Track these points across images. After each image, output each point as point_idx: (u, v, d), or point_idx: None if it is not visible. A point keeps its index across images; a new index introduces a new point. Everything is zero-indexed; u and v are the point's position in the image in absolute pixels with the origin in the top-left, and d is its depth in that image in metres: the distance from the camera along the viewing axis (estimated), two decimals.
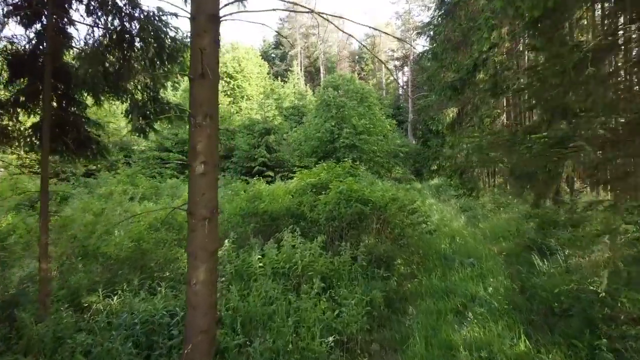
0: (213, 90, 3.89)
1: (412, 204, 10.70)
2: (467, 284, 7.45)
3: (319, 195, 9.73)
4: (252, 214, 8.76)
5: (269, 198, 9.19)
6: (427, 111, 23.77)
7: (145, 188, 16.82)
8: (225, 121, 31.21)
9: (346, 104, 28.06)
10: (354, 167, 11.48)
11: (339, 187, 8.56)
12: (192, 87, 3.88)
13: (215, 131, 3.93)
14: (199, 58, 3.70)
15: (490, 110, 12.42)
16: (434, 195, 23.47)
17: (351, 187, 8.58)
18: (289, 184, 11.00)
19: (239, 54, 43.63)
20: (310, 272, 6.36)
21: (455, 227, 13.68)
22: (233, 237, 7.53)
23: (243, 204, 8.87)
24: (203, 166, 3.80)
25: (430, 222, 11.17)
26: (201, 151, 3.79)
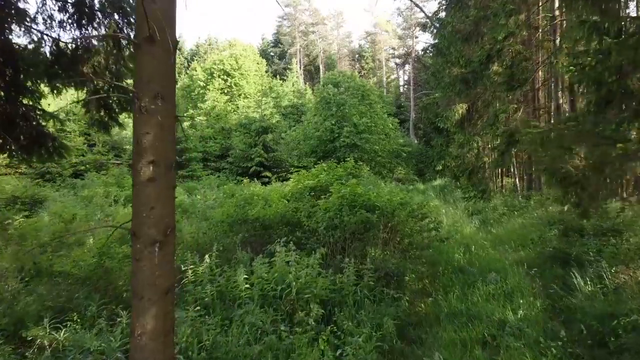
0: (166, 60, 2.76)
1: (422, 208, 9.62)
2: (492, 305, 6.32)
3: (318, 199, 8.63)
4: (241, 222, 7.64)
5: (261, 203, 8.07)
6: (432, 109, 22.65)
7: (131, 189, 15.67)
8: (222, 119, 30.09)
9: (347, 102, 26.97)
10: (357, 167, 10.36)
11: (341, 191, 7.44)
12: (137, 56, 2.75)
13: (170, 119, 2.81)
14: (144, 14, 2.57)
15: (506, 105, 11.32)
16: (438, 197, 22.35)
17: (355, 190, 7.46)
18: (284, 186, 9.87)
19: (236, 51, 42.50)
20: (308, 295, 5.24)
21: (466, 232, 12.57)
22: (217, 250, 6.42)
23: (231, 210, 7.74)
24: (152, 168, 2.68)
25: (441, 229, 10.08)
26: (149, 147, 2.67)
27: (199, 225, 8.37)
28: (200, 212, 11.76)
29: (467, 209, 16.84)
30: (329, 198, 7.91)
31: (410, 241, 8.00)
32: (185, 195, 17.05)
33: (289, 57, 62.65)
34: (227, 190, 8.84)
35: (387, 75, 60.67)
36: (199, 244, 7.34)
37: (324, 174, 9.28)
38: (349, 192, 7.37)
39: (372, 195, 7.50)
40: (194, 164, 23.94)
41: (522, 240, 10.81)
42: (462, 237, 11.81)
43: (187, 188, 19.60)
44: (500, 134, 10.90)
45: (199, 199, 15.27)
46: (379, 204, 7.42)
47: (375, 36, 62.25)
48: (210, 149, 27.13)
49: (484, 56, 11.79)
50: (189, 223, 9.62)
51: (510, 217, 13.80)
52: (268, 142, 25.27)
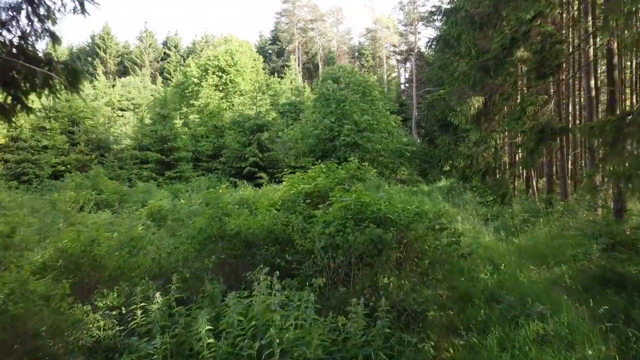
0: None
1: (439, 217, 8.03)
2: (550, 357, 4.70)
3: (316, 208, 7.01)
4: (217, 237, 6.00)
5: (244, 214, 6.42)
6: (439, 105, 21.04)
7: (108, 193, 14.04)
8: (215, 117, 28.44)
9: (347, 98, 25.34)
10: (362, 169, 8.72)
11: (344, 200, 5.81)
12: None
13: None
14: None
15: (534, 96, 9.70)
16: (446, 200, 20.69)
17: (362, 199, 5.82)
18: (275, 191, 8.20)
19: (232, 47, 40.84)
20: (297, 355, 3.61)
21: (486, 243, 10.93)
22: (179, 281, 4.80)
23: (204, 223, 6.10)
24: None
25: (462, 242, 8.46)
26: None
27: (168, 241, 6.74)
28: (178, 221, 10.13)
29: (480, 213, 15.23)
30: (328, 208, 6.29)
31: (430, 261, 6.38)
32: (170, 199, 15.43)
33: (287, 54, 60.99)
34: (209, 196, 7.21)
35: (387, 73, 59.04)
36: (161, 268, 5.70)
37: (323, 177, 7.65)
38: (354, 201, 5.74)
39: (383, 205, 5.86)
40: (183, 164, 22.29)
41: (554, 254, 9.22)
42: (485, 250, 10.16)
43: (174, 190, 17.97)
44: (529, 129, 9.28)
45: (183, 203, 13.65)
46: (393, 216, 5.79)
47: (375, 33, 60.63)
48: (203, 148, 25.50)
49: (508, 40, 10.15)
50: (159, 236, 7.98)
51: (534, 225, 12.18)
52: (263, 141, 23.64)
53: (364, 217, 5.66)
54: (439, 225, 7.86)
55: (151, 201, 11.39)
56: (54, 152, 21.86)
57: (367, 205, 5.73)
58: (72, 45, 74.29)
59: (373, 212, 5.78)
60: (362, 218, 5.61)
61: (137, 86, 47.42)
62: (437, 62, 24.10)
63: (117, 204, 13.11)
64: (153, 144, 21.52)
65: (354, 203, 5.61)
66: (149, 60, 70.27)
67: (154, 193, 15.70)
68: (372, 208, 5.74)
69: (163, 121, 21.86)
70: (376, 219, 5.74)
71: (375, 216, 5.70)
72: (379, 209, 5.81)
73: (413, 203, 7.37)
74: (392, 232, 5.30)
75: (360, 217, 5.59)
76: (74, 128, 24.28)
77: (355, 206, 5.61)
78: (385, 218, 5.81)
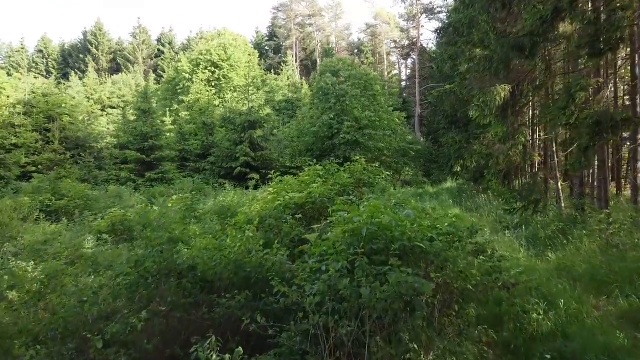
0: None
1: (474, 235, 6.07)
2: None
3: (309, 225, 5.02)
4: (159, 277, 3.98)
5: (205, 240, 4.40)
6: (449, 99, 19.07)
7: (70, 198, 12.00)
8: (205, 113, 26.38)
9: (347, 93, 23.32)
10: (372, 171, 6.69)
11: (352, 221, 3.79)
12: None
13: None
14: None
15: (585, 79, 7.72)
16: (456, 203, 18.61)
17: (377, 218, 3.78)
18: (251, 204, 6.14)
19: (225, 41, 38.75)
20: None
21: (522, 263, 8.85)
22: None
23: (146, 252, 4.07)
24: None
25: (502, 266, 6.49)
26: None
27: (96, 280, 4.70)
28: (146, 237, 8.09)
29: (498, 219, 13.23)
30: (327, 230, 4.28)
31: (475, 309, 4.39)
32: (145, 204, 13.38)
33: (285, 50, 58.94)
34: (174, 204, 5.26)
35: (388, 70, 57.01)
36: (68, 327, 3.67)
37: (319, 183, 5.63)
38: (365, 223, 3.72)
39: (410, 228, 3.84)
40: (166, 164, 20.21)
41: (604, 277, 7.22)
42: (521, 271, 8.07)
43: (153, 194, 15.92)
44: (581, 121, 7.28)
45: (156, 210, 11.62)
46: (424, 244, 3.77)
47: (375, 28, 58.55)
48: (191, 147, 23.45)
49: (549, 12, 8.13)
50: (107, 259, 5.94)
51: (571, 236, 10.15)
52: (256, 139, 21.60)
53: (382, 247, 3.66)
54: (472, 245, 5.90)
55: (114, 209, 9.38)
56: (25, 151, 19.81)
57: (385, 228, 3.72)
58: (64, 41, 72.35)
59: (395, 239, 3.76)
60: (379, 249, 3.61)
61: (129, 84, 45.42)
62: (444, 55, 22.06)
63: (78, 212, 11.06)
64: (133, 142, 19.47)
65: (366, 225, 3.59)
66: (143, 57, 68.30)
67: (127, 198, 13.67)
68: (395, 233, 3.72)
69: (144, 116, 19.81)
70: (400, 251, 3.72)
71: (400, 246, 3.68)
72: (403, 233, 3.79)
73: (440, 216, 5.37)
74: (432, 276, 3.31)
75: (376, 249, 3.60)
76: (50, 125, 22.21)
77: (369, 231, 3.60)
78: (412, 248, 3.80)
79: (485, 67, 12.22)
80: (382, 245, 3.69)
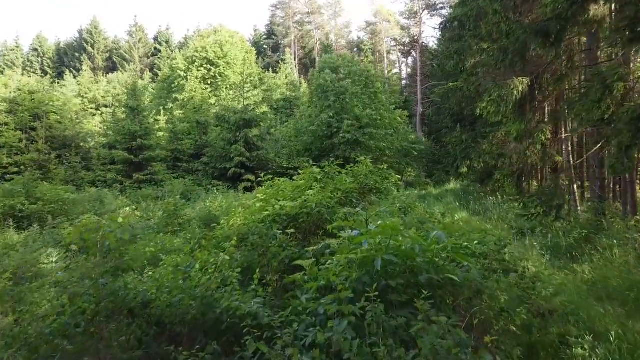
0: None
1: (501, 251, 5.11)
2: None
3: (306, 240, 3.99)
4: (106, 317, 2.95)
5: (165, 265, 3.36)
6: (455, 95, 18.05)
7: (44, 202, 10.96)
8: (199, 112, 25.31)
9: (347, 90, 22.26)
10: (378, 173, 5.64)
11: (358, 242, 2.75)
12: None
13: None
14: None
15: (623, 68, 6.70)
16: (463, 206, 17.52)
17: (394, 241, 2.75)
18: (233, 216, 5.07)
19: (221, 38, 37.65)
20: None
21: (547, 278, 7.77)
22: None
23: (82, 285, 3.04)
24: None
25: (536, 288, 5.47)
26: None
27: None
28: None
29: (509, 223, 12.20)
30: (326, 250, 3.25)
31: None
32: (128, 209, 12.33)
33: (283, 48, 57.88)
34: (127, 218, 4.21)
35: (388, 69, 55.95)
36: None
37: (317, 189, 4.59)
38: (379, 249, 2.68)
39: (434, 254, 2.80)
40: (156, 164, 19.12)
41: None
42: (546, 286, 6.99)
43: (140, 197, 14.86)
44: (620, 116, 6.25)
45: (139, 216, 10.58)
46: (457, 275, 2.74)
47: (375, 26, 57.49)
48: (184, 147, 22.37)
49: None
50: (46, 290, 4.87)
51: (602, 247, 9.10)
52: (251, 138, 20.53)
53: (402, 282, 2.64)
54: (497, 263, 4.97)
55: (87, 215, 8.31)
56: (7, 150, 18.73)
57: (406, 256, 2.69)
58: (60, 40, 71.26)
59: (418, 269, 2.73)
60: (398, 286, 2.59)
61: (125, 82, 44.39)
62: (449, 51, 21.01)
63: (52, 218, 10.01)
64: (121, 141, 18.39)
65: (381, 255, 2.55)
66: (139, 55, 67.16)
67: (110, 201, 12.62)
68: (419, 262, 2.69)
69: (132, 114, 18.72)
70: (427, 284, 2.68)
71: (427, 280, 2.65)
72: (430, 261, 2.75)
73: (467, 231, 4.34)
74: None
75: (391, 285, 2.57)
76: (36, 123, 21.13)
77: (387, 262, 2.57)
78: (442, 281, 2.76)
79: (499, 59, 11.19)
80: (403, 279, 2.67)
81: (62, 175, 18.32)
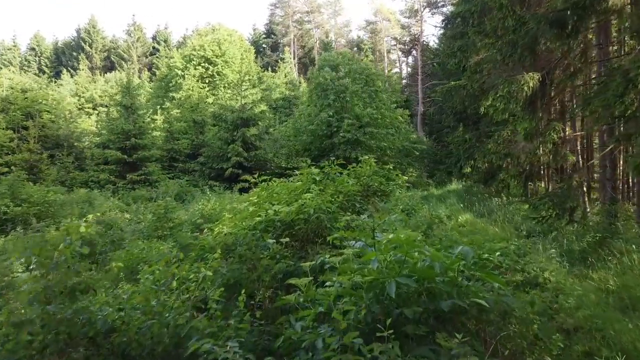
0: None
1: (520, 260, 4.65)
2: None
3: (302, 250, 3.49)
4: (59, 349, 2.43)
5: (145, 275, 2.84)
6: (459, 93, 17.53)
7: (30, 204, 10.44)
8: (196, 111, 24.78)
9: (348, 88, 21.73)
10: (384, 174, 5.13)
11: (365, 260, 2.23)
12: None
13: None
14: None
15: None
16: (466, 207, 16.96)
17: (410, 257, 2.24)
18: (219, 224, 4.54)
19: (219, 36, 37.12)
20: None
21: (558, 284, 7.22)
22: None
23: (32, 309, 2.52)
24: None
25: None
26: None
27: None
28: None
29: (515, 225, 11.68)
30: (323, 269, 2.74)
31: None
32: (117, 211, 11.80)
33: (282, 47, 57.33)
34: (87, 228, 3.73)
35: (388, 68, 55.43)
36: None
37: (315, 192, 4.07)
38: (392, 271, 2.17)
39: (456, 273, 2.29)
40: (151, 164, 18.57)
41: None
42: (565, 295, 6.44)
43: (133, 198, 14.34)
44: None
45: (128, 218, 10.06)
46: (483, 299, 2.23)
47: (375, 25, 56.95)
48: (180, 147, 21.83)
49: None
50: None
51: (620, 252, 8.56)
52: (249, 137, 20.00)
53: (420, 309, 2.13)
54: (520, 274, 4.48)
55: (72, 218, 7.83)
56: None
57: (425, 277, 2.17)
58: (57, 39, 70.73)
59: (438, 292, 2.21)
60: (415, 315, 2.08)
61: (119, 80, 43.84)
62: (452, 48, 20.48)
63: (36, 221, 9.48)
64: (114, 140, 17.84)
65: (394, 279, 2.03)
66: (137, 55, 66.58)
67: (100, 203, 12.10)
68: (439, 284, 2.18)
69: (126, 113, 18.18)
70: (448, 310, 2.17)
71: (450, 306, 2.13)
72: (452, 282, 2.23)
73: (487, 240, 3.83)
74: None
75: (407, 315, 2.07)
76: (28, 122, 20.60)
77: (400, 284, 2.05)
78: (466, 307, 2.25)
79: (507, 54, 10.69)
80: (419, 304, 2.15)
81: (54, 175, 17.79)
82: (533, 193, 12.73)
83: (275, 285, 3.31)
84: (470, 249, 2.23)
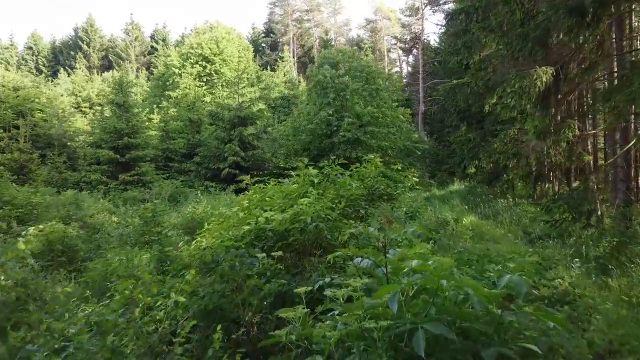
0: None
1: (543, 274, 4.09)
2: None
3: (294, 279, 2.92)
4: None
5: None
6: (462, 91, 16.96)
7: (12, 206, 9.86)
8: (193, 109, 24.20)
9: (348, 86, 21.16)
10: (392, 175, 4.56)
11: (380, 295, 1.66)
12: None
13: None
14: None
15: None
16: (471, 209, 16.39)
17: (436, 287, 1.67)
18: (202, 233, 3.98)
19: (217, 34, 36.53)
20: None
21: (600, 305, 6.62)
22: None
23: None
24: None
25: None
26: None
27: None
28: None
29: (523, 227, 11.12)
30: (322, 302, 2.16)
31: None
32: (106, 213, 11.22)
33: (282, 46, 56.76)
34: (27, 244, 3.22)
35: (388, 68, 54.86)
36: None
37: (313, 196, 3.50)
38: (414, 308, 1.60)
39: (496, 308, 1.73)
40: (144, 164, 17.98)
41: None
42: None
43: (122, 199, 13.76)
44: None
45: (116, 222, 9.49)
46: (540, 347, 1.66)
47: (375, 24, 56.40)
48: (175, 146, 21.25)
49: None
50: None
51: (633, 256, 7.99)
52: (246, 136, 19.42)
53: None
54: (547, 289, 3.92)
55: (49, 223, 7.25)
56: None
57: (464, 318, 1.61)
58: (55, 38, 70.18)
59: (474, 334, 1.64)
60: None
61: (112, 77, 43.30)
62: (456, 45, 19.95)
63: (16, 224, 8.89)
64: (107, 139, 17.25)
65: (421, 325, 1.47)
66: (135, 54, 65.98)
67: (89, 204, 11.51)
68: (476, 325, 1.62)
69: (119, 111, 17.59)
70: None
71: (495, 355, 1.57)
72: (498, 325, 1.66)
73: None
74: None
75: None
76: (19, 121, 20.00)
77: (428, 333, 1.50)
78: (515, 354, 1.68)
79: (517, 48, 10.12)
80: (452, 354, 1.59)
81: (45, 176, 17.20)
82: (544, 195, 12.15)
83: (265, 311, 2.73)
84: (522, 280, 1.65)
